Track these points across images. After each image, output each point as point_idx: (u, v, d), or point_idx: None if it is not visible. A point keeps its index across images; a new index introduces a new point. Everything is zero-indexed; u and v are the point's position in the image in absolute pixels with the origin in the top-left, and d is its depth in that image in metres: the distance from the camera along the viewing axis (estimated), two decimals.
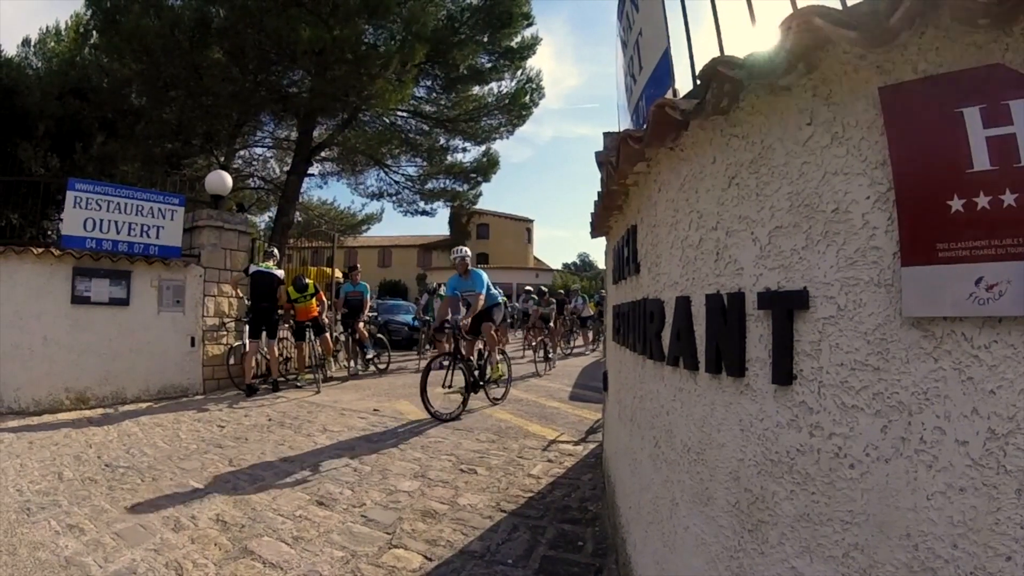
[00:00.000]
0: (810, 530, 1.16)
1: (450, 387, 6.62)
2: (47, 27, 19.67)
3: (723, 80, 1.32)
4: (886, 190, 1.03)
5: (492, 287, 7.38)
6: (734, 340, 1.37)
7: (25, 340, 6.77)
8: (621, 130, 4.08)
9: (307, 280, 9.12)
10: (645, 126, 1.74)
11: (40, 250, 7.00)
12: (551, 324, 13.13)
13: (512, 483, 4.27)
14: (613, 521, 3.19)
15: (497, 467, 4.68)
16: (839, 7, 1.27)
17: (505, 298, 13.30)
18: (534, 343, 11.95)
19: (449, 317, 7.03)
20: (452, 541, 3.25)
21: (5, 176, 8.62)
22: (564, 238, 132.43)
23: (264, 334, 8.32)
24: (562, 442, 5.50)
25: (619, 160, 1.93)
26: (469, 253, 7.39)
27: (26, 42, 18.81)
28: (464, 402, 6.62)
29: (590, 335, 16.98)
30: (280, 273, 8.71)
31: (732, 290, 1.40)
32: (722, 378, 1.44)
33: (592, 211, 3.31)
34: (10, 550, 3.15)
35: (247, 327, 8.52)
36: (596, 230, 3.69)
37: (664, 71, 2.24)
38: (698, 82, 1.78)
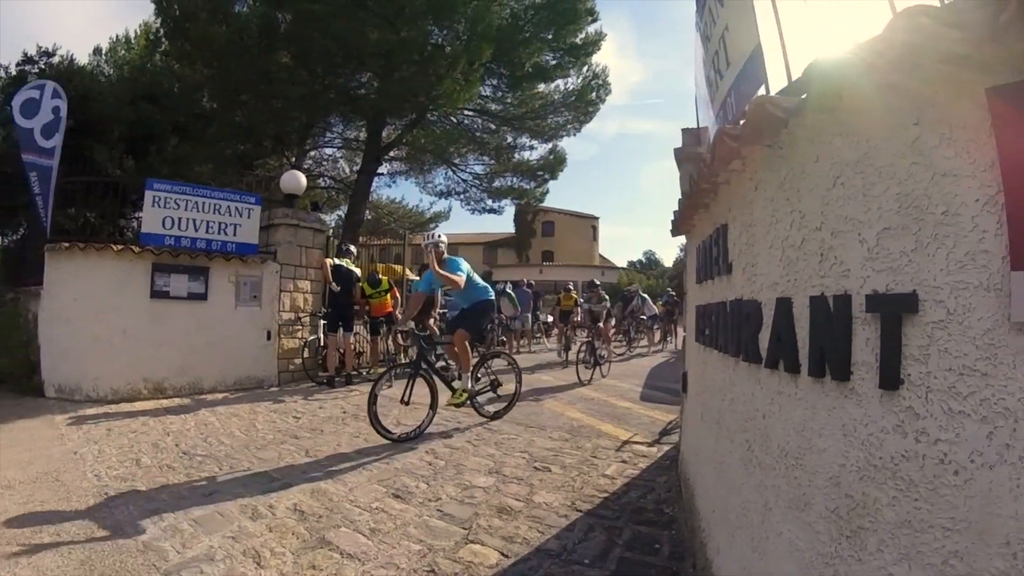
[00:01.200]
0: (910, 537, 1.13)
1: (407, 403, 5.52)
2: (116, 36, 20.86)
3: (826, 78, 1.29)
4: (995, 192, 0.99)
5: (480, 281, 6.31)
6: (840, 343, 1.34)
7: (104, 332, 7.12)
8: (701, 125, 4.03)
9: (380, 276, 9.35)
10: (742, 123, 1.72)
11: (119, 247, 7.37)
12: (600, 324, 11.11)
13: (587, 483, 4.25)
14: (691, 525, 3.14)
15: (571, 466, 4.67)
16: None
17: (512, 294, 13.20)
18: (574, 344, 10.50)
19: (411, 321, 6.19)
20: (528, 539, 3.25)
21: (82, 177, 9.15)
22: (629, 235, 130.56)
23: (340, 328, 8.55)
24: (635, 443, 5.45)
25: (714, 157, 1.91)
26: (444, 239, 6.06)
27: (97, 51, 19.97)
28: (428, 418, 5.55)
29: (655, 336, 16.61)
30: (357, 271, 8.97)
31: (838, 292, 1.37)
32: (825, 382, 1.40)
33: (675, 209, 3.27)
34: (88, 534, 3.27)
35: (324, 321, 8.81)
36: (678, 228, 3.64)
37: (755, 67, 2.19)
38: (793, 79, 1.74)
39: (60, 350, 7.14)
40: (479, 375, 6.15)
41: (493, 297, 6.29)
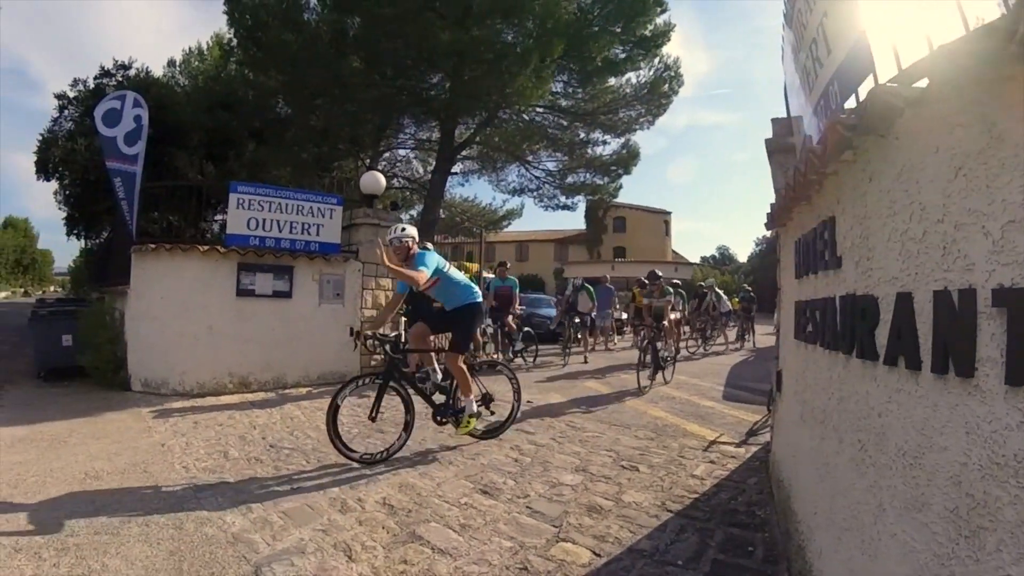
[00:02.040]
0: None
1: (374, 419, 4.84)
2: (189, 48, 22.19)
3: (946, 67, 1.25)
4: None
5: (461, 278, 5.25)
6: (964, 339, 1.30)
7: (191, 329, 7.46)
8: (793, 115, 3.91)
9: (466, 264, 9.42)
10: (854, 112, 1.68)
11: (205, 248, 7.72)
12: (665, 322, 9.29)
13: (675, 483, 4.22)
14: (785, 527, 3.08)
15: (659, 465, 4.64)
16: None
17: (590, 288, 12.79)
18: (641, 344, 9.02)
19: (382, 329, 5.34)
20: (620, 538, 3.25)
21: (165, 182, 9.66)
22: (701, 230, 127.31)
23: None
24: (723, 443, 5.36)
25: (826, 147, 1.86)
26: (413, 233, 5.07)
27: (171, 63, 21.46)
28: (400, 440, 4.83)
29: (731, 333, 16.05)
30: None
31: (962, 286, 1.32)
32: (948, 378, 1.36)
33: (772, 201, 3.20)
34: (176, 525, 3.38)
35: (404, 318, 9.03)
36: (774, 222, 3.54)
37: (860, 55, 2.12)
38: (903, 67, 1.69)
39: (147, 346, 7.52)
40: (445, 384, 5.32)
41: (480, 299, 5.27)
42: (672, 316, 8.86)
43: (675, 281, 12.83)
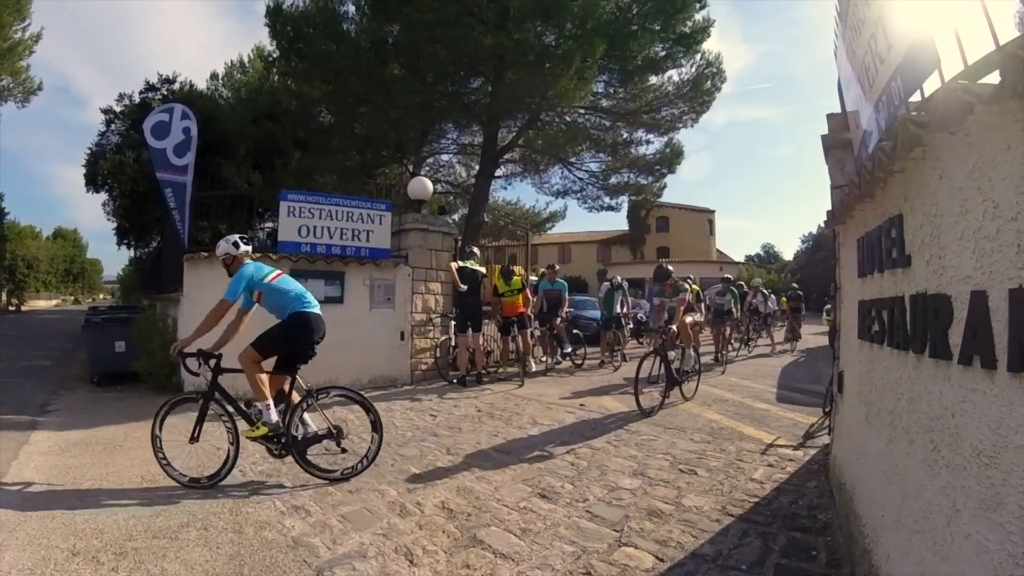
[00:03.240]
0: None
1: (196, 440, 4.45)
2: (231, 61, 22.81)
3: (1020, 62, 1.24)
4: None
5: (293, 287, 4.73)
6: None
7: (244, 334, 7.66)
8: (848, 110, 3.84)
9: (514, 268, 9.42)
10: (925, 111, 1.66)
11: (258, 255, 7.73)
12: (673, 326, 7.43)
13: (735, 487, 4.18)
14: (848, 531, 3.03)
15: (717, 469, 4.60)
16: None
17: (625, 287, 12.49)
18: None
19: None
20: (682, 543, 3.22)
21: (216, 191, 9.90)
22: (745, 228, 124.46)
23: (470, 328, 8.76)
24: (780, 446, 5.28)
25: (896, 144, 1.84)
26: (227, 249, 4.72)
27: (214, 76, 22.09)
28: (227, 462, 4.36)
29: (778, 334, 15.47)
30: (482, 270, 9.16)
31: None
32: None
33: (832, 198, 3.15)
34: (236, 528, 3.42)
35: (453, 322, 9.14)
36: (835, 220, 3.48)
37: (924, 51, 2.09)
38: (970, 63, 1.66)
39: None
40: (306, 420, 4.62)
41: (313, 310, 4.70)
42: (688, 319, 7.58)
43: (726, 276, 12.27)
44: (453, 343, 9.35)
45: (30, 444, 5.26)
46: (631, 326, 11.19)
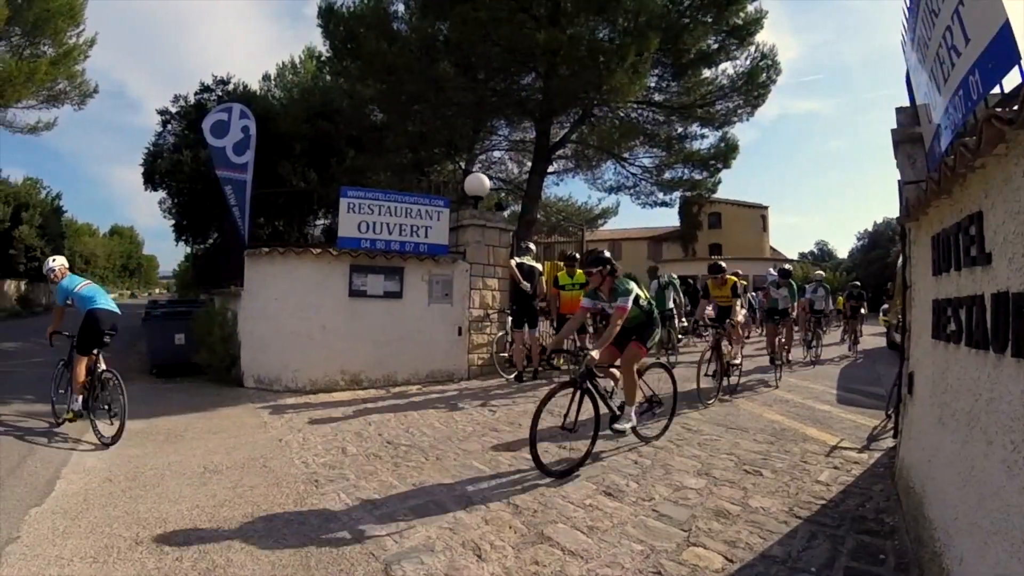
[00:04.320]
0: None
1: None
2: (283, 63, 23.44)
3: None
4: None
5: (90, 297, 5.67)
6: None
7: (304, 328, 7.78)
8: (919, 103, 3.73)
9: (577, 257, 9.17)
10: (1011, 106, 1.62)
11: (318, 250, 8.06)
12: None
13: (801, 488, 4.11)
14: (917, 535, 2.96)
15: (782, 470, 4.52)
16: None
17: (676, 283, 11.98)
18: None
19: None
20: (751, 544, 3.19)
21: (276, 188, 10.09)
22: (798, 225, 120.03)
23: (526, 325, 8.70)
24: (844, 448, 5.16)
25: (980, 140, 1.79)
26: (60, 263, 5.80)
27: (266, 77, 22.73)
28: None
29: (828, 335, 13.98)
30: (539, 266, 9.08)
31: None
32: None
33: (911, 195, 3.05)
34: (301, 520, 3.47)
35: (510, 318, 9.15)
36: (908, 216, 3.37)
37: (1005, 44, 2.03)
38: None
39: (260, 344, 7.93)
40: None
41: (97, 307, 5.60)
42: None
43: (785, 267, 11.13)
44: (510, 339, 9.33)
45: (91, 432, 5.35)
46: (684, 323, 10.92)
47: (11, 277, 28.73)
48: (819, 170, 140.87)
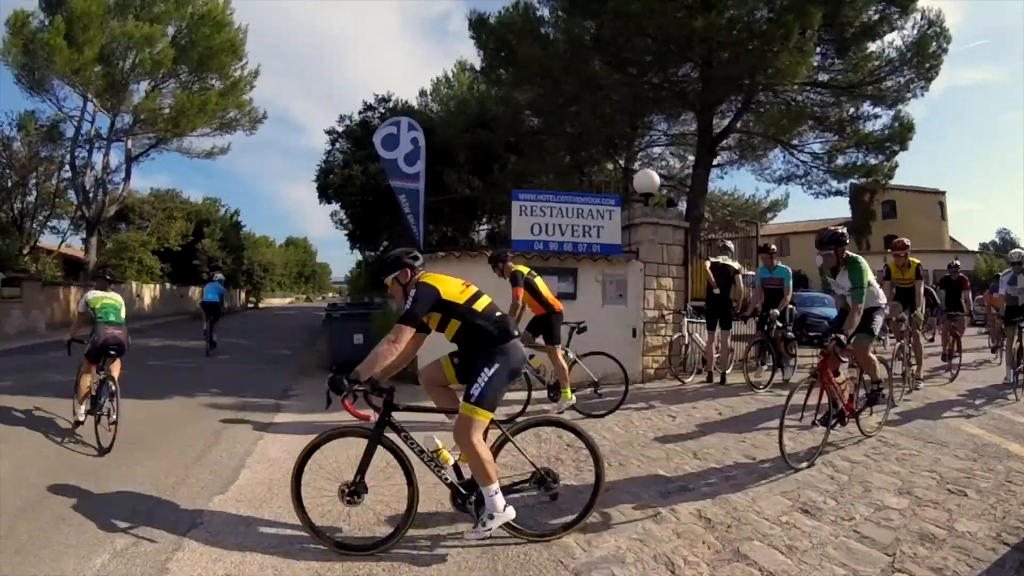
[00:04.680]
0: None
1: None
2: (437, 78, 25.13)
3: None
4: None
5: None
6: None
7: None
8: None
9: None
10: None
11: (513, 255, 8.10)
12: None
13: (1008, 512, 3.70)
14: None
15: (987, 491, 4.08)
16: None
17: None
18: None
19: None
20: (958, 572, 2.94)
21: (441, 196, 10.56)
22: (976, 211, 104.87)
23: (718, 325, 8.43)
24: None
25: None
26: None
27: (422, 92, 24.44)
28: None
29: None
30: (735, 265, 8.67)
31: None
32: None
33: None
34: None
35: (686, 319, 8.88)
36: None
37: None
38: None
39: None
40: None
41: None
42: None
43: (1018, 250, 9.37)
44: (686, 341, 9.07)
45: (275, 424, 5.73)
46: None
47: (195, 284, 32.33)
48: (992, 147, 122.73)
